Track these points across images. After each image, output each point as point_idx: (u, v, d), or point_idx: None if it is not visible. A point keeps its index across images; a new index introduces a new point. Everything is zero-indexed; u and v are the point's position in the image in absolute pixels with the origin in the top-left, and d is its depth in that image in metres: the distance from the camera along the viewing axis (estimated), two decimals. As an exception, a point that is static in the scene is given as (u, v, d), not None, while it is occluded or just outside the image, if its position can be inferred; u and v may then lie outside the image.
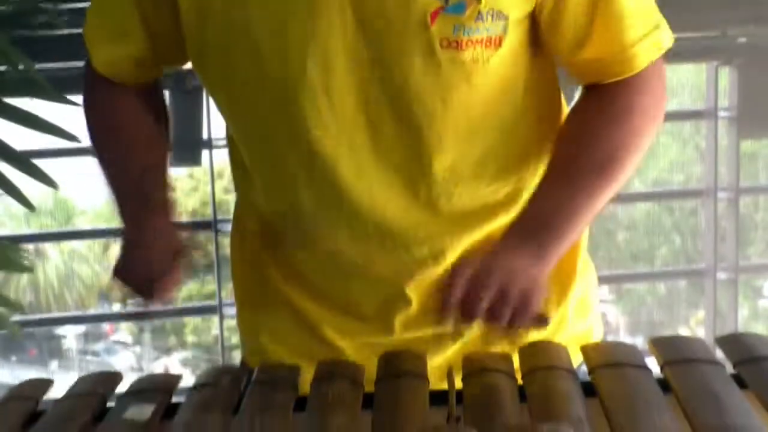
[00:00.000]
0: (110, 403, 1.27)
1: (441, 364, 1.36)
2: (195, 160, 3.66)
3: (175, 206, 1.44)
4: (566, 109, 1.46)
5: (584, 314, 1.53)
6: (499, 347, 1.43)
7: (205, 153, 3.62)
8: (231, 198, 1.66)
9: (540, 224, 1.32)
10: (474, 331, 1.45)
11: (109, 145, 1.49)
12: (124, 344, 21.93)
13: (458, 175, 1.35)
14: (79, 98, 1.54)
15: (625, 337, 13.17)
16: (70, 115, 2.56)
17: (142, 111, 1.48)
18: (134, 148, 1.46)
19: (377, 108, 1.30)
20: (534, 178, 1.40)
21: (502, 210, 1.40)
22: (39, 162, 2.81)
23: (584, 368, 1.26)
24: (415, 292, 1.43)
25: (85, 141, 1.53)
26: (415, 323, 1.45)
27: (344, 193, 1.34)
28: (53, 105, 2.67)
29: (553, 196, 1.33)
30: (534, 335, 1.37)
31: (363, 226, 1.37)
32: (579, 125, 1.37)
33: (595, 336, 1.54)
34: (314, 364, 1.32)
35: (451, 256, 1.40)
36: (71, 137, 2.67)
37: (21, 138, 2.83)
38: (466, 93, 1.29)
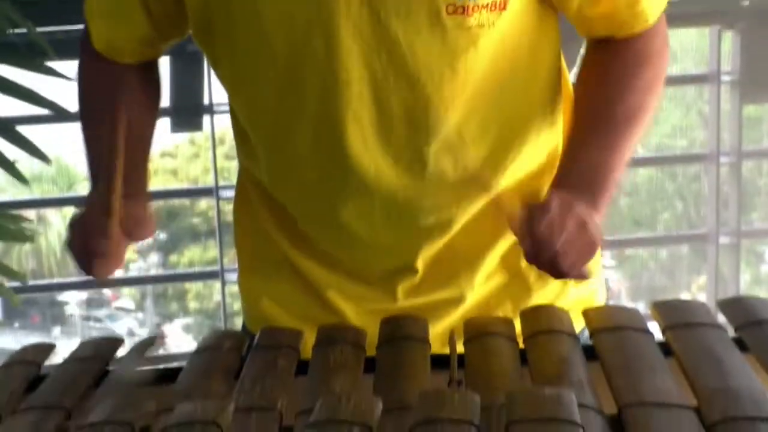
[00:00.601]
0: (111, 367, 1.27)
1: (442, 332, 1.36)
2: (196, 126, 3.65)
3: (146, 190, 1.47)
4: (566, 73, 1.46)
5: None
6: (500, 312, 1.43)
7: (206, 118, 3.61)
8: (233, 164, 1.66)
9: (589, 177, 1.33)
10: (475, 296, 1.45)
11: (88, 120, 1.50)
12: (126, 310, 22.00)
13: (463, 141, 1.35)
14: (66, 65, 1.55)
15: (626, 303, 13.20)
16: (64, 87, 2.55)
17: (134, 90, 1.48)
18: (112, 128, 1.43)
19: (383, 78, 1.29)
20: (536, 142, 1.40)
21: (507, 175, 1.40)
22: (39, 129, 2.80)
23: (586, 333, 1.26)
24: (421, 261, 1.43)
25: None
26: (418, 291, 1.45)
27: (350, 166, 1.34)
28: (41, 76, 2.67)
29: (595, 147, 1.35)
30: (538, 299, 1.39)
31: (369, 198, 1.37)
32: (602, 77, 1.38)
33: (598, 300, 1.55)
34: (316, 329, 1.32)
35: (457, 225, 1.40)
36: (63, 111, 2.67)
37: (15, 106, 2.82)
38: (473, 58, 1.28)
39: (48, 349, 1.34)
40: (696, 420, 0.95)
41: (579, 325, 1.28)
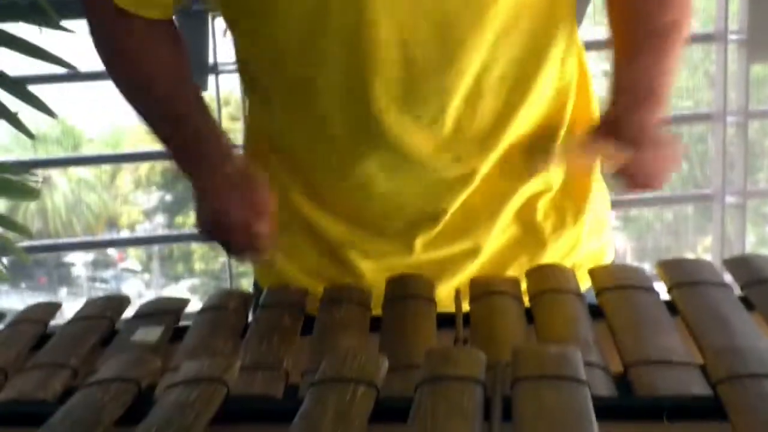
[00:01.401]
0: (118, 327, 1.28)
1: (457, 287, 1.36)
2: (201, 86, 3.63)
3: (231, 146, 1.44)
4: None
5: (599, 233, 1.53)
6: (515, 267, 1.43)
7: (211, 79, 3.59)
8: (238, 125, 1.65)
9: (646, 93, 1.38)
10: (491, 249, 1.45)
11: (146, 96, 1.45)
12: (132, 271, 22.08)
13: (482, 94, 1.35)
14: (74, 23, 1.49)
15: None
16: (67, 41, 2.53)
17: (171, 51, 1.45)
18: (177, 97, 1.43)
19: (411, 31, 1.29)
20: (551, 89, 1.41)
21: (525, 124, 1.40)
22: (44, 88, 2.79)
23: (592, 292, 1.26)
24: (442, 213, 1.43)
25: (85, 68, 1.50)
26: (436, 243, 1.45)
27: (374, 121, 1.33)
28: (49, 31, 2.64)
29: (646, 63, 1.39)
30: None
31: (392, 153, 1.36)
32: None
33: (608, 256, 1.55)
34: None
35: (479, 176, 1.40)
36: (69, 66, 2.65)
37: (23, 64, 2.81)
38: (500, 3, 1.29)
39: (54, 307, 1.34)
40: (701, 378, 0.95)
41: (587, 281, 1.29)
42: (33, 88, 2.66)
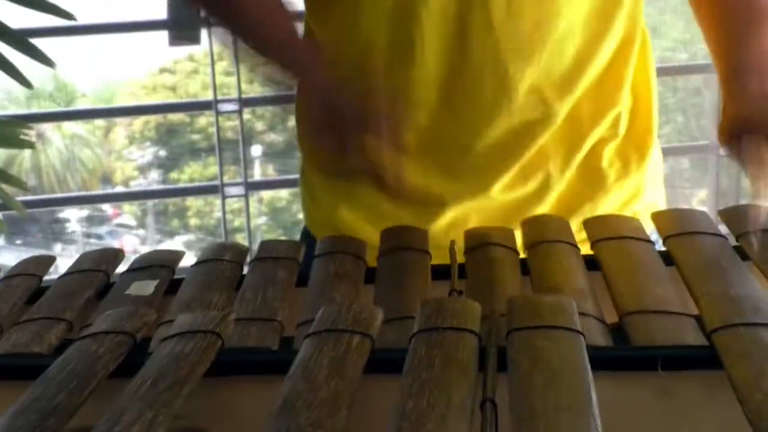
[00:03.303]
0: (113, 280, 1.27)
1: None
2: (194, 39, 3.61)
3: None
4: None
5: (656, 184, 1.54)
6: (578, 212, 1.45)
7: (204, 32, 3.57)
8: (232, 80, 1.64)
9: (760, 67, 1.38)
10: (558, 193, 1.46)
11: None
12: (127, 227, 22.09)
13: (574, 30, 1.40)
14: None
15: (627, 217, 13.21)
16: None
17: None
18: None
19: None
20: (622, 35, 1.44)
21: (599, 68, 1.44)
22: (37, 42, 2.77)
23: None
24: (518, 155, 1.44)
25: (82, 19, 1.50)
26: (511, 185, 1.47)
27: (471, 53, 1.38)
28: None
29: (757, 36, 1.40)
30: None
31: (483, 92, 1.40)
32: None
33: (662, 206, 1.55)
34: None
35: (559, 119, 1.43)
36: (67, 15, 2.63)
37: (18, 16, 2.79)
38: None
39: (49, 261, 1.34)
40: (696, 327, 0.95)
41: (648, 230, 1.29)
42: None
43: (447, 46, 1.37)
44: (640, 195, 1.52)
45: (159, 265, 1.28)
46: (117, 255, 1.34)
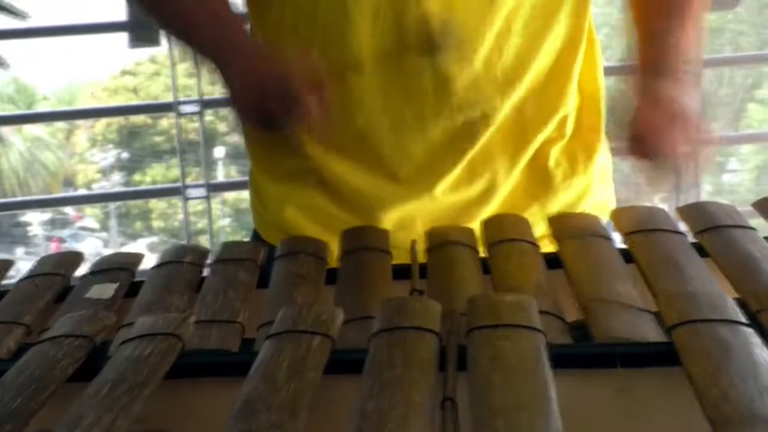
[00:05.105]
0: (72, 283, 1.27)
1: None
2: (154, 41, 3.58)
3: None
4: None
5: (605, 183, 1.54)
6: (526, 214, 1.44)
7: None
8: (193, 82, 1.63)
9: (676, 57, 1.41)
10: (505, 194, 1.46)
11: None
12: (90, 230, 21.94)
13: (513, 30, 1.40)
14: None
15: (589, 215, 13.26)
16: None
17: None
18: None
19: None
20: (567, 33, 1.45)
21: (543, 67, 1.44)
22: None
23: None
24: (460, 155, 1.44)
25: (42, 21, 1.49)
26: (455, 186, 1.46)
27: (408, 53, 1.37)
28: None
29: (671, 33, 1.42)
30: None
31: (420, 91, 1.39)
32: None
33: (613, 205, 1.56)
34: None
35: (500, 117, 1.43)
36: (21, 14, 2.61)
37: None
38: None
39: (7, 264, 1.33)
40: (656, 323, 0.96)
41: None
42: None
43: (384, 47, 1.37)
44: (588, 194, 1.52)
45: (119, 267, 1.28)
46: (76, 258, 1.33)
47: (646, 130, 1.34)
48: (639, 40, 1.44)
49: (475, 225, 1.38)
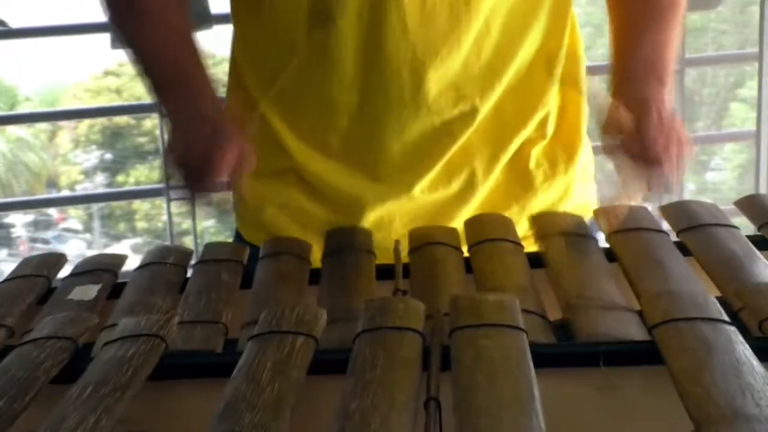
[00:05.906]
0: (55, 285, 1.26)
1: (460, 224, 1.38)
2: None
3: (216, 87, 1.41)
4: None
5: (586, 184, 1.54)
6: (515, 208, 1.45)
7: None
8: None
9: (654, 61, 1.41)
10: (485, 194, 1.46)
11: (138, 29, 1.45)
12: (74, 232, 21.86)
13: (492, 29, 1.39)
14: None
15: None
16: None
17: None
18: (166, 29, 1.42)
19: None
20: (546, 30, 1.44)
21: (522, 65, 1.44)
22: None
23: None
24: (439, 153, 1.44)
25: (24, 22, 1.49)
26: (434, 186, 1.45)
27: (386, 54, 1.36)
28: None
29: (651, 36, 1.43)
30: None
31: (400, 93, 1.39)
32: None
33: (594, 206, 1.56)
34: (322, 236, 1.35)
35: (480, 116, 1.42)
36: (1, 23, 2.60)
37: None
38: None
39: (-11, 267, 1.32)
40: (639, 321, 0.96)
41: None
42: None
43: (363, 48, 1.37)
44: (569, 195, 1.52)
45: (101, 269, 1.27)
46: (59, 259, 1.33)
47: (626, 131, 1.34)
48: (619, 40, 1.45)
49: (455, 225, 1.38)
